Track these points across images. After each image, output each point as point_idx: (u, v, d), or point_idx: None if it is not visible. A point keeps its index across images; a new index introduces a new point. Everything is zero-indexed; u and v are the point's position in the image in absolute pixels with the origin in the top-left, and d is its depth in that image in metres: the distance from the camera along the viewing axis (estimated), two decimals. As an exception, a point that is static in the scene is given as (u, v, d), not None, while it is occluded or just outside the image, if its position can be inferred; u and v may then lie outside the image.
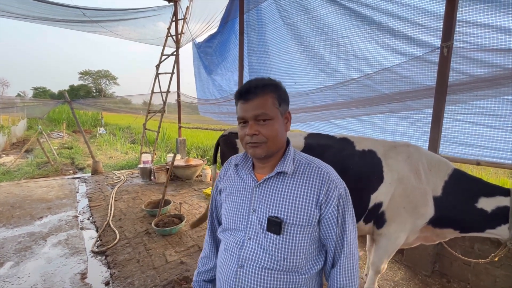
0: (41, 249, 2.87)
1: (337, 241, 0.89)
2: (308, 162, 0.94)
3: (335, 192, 0.88)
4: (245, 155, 1.01)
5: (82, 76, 56.52)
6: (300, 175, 0.91)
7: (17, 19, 5.28)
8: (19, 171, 6.71)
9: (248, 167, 0.98)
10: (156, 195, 4.60)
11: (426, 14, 2.57)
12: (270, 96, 0.87)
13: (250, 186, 0.94)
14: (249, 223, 0.90)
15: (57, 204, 4.16)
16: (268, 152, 0.88)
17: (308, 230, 0.87)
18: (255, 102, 0.86)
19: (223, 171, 1.08)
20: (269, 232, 0.86)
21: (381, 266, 1.96)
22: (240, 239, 0.91)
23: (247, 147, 0.90)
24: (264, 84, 0.88)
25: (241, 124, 0.90)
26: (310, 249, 0.89)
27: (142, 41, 7.02)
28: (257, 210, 0.90)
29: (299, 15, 3.52)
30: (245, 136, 0.88)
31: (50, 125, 16.37)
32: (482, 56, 2.27)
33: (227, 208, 0.98)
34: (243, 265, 0.88)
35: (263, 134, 0.86)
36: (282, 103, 0.91)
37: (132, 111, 8.77)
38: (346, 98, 3.07)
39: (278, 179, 0.91)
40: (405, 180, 1.78)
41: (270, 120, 0.86)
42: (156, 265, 2.60)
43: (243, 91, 0.88)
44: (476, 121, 2.40)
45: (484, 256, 2.25)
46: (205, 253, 1.14)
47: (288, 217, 0.86)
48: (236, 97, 0.91)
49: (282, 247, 0.85)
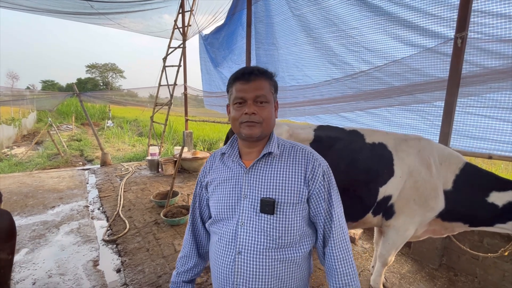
0: (54, 237, 2.97)
1: (325, 216, 0.94)
2: (292, 145, 1.00)
3: (319, 169, 0.94)
4: (231, 144, 1.03)
5: (89, 69, 56.98)
6: (286, 156, 0.96)
7: (26, 11, 5.33)
8: (31, 162, 6.87)
9: (235, 155, 1.00)
10: (164, 187, 4.67)
11: (439, 4, 2.51)
12: (268, 82, 0.93)
13: (239, 173, 0.96)
14: (241, 209, 0.92)
15: (68, 194, 4.27)
16: (262, 133, 0.92)
17: (299, 207, 0.92)
18: (257, 83, 0.90)
19: (208, 165, 1.08)
20: (262, 213, 0.89)
21: (388, 258, 1.97)
22: (233, 227, 0.93)
23: (243, 127, 0.91)
24: (264, 70, 0.94)
25: (236, 105, 0.92)
26: (303, 227, 0.93)
27: (149, 34, 7.02)
28: (248, 195, 0.93)
29: (308, 6, 3.46)
30: (241, 115, 0.90)
31: (59, 118, 16.64)
32: (497, 47, 2.20)
33: (216, 199, 0.98)
34: (240, 251, 0.89)
35: (260, 115, 0.90)
36: (275, 91, 0.97)
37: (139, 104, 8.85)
38: (355, 90, 3.03)
39: (266, 162, 0.95)
40: (415, 174, 1.77)
41: (267, 103, 0.92)
42: (165, 254, 2.66)
43: (246, 72, 0.91)
44: (489, 115, 2.35)
45: (493, 250, 2.24)
46: (184, 252, 1.12)
47: (280, 197, 0.90)
48: (234, 78, 0.93)
49: (276, 226, 0.89)
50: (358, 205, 1.85)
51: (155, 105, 6.54)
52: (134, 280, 2.27)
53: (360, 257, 2.67)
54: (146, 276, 2.33)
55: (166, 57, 6.19)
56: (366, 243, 2.91)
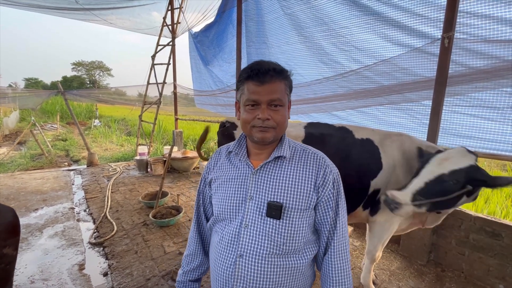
0: (37, 240, 2.85)
1: (331, 224, 0.91)
2: (303, 149, 0.96)
3: (330, 176, 0.90)
4: (239, 143, 0.98)
5: (75, 67, 55.37)
6: (297, 160, 0.92)
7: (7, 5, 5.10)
8: (13, 163, 6.60)
9: (242, 155, 0.95)
10: (153, 187, 4.58)
11: (427, 4, 2.55)
12: (283, 83, 0.86)
13: (246, 174, 0.92)
14: (245, 211, 0.89)
15: (52, 196, 4.12)
16: (274, 138, 0.88)
17: (306, 214, 0.88)
18: (272, 86, 0.83)
19: (212, 162, 1.04)
20: (268, 217, 0.86)
21: (376, 254, 2.01)
22: (236, 228, 0.89)
23: (254, 131, 0.86)
24: (281, 69, 0.86)
25: (248, 107, 0.86)
26: (308, 234, 0.90)
27: (137, 31, 6.85)
28: (254, 196, 0.89)
29: (299, 5, 3.45)
30: (254, 119, 0.85)
31: (44, 117, 16.06)
32: (482, 48, 2.26)
33: (220, 197, 0.95)
34: (242, 254, 0.86)
35: (274, 120, 0.85)
36: (290, 91, 0.91)
37: (128, 103, 8.64)
38: (346, 89, 3.06)
39: (276, 164, 0.91)
40: (398, 168, 1.85)
41: (282, 106, 0.86)
42: (155, 256, 2.60)
43: (260, 71, 0.82)
44: (474, 113, 2.41)
45: (479, 246, 2.30)
46: (190, 251, 1.09)
47: (288, 202, 0.86)
48: (248, 76, 0.85)
49: (282, 232, 0.86)
50: (351, 199, 1.89)
51: (144, 104, 6.40)
52: (121, 284, 2.21)
53: (351, 254, 2.69)
54: (134, 279, 2.27)
55: (155, 54, 6.07)
56: (357, 241, 2.94)
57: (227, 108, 5.27)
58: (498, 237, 2.20)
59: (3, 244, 1.08)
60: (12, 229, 1.13)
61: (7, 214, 1.13)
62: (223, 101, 5.26)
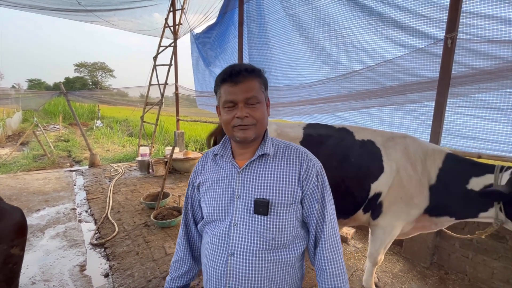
0: (39, 241, 2.85)
1: (318, 217, 0.93)
2: (286, 145, 0.99)
3: (313, 169, 0.93)
4: (223, 145, 1.01)
5: (78, 68, 55.73)
6: (280, 157, 0.95)
7: (10, 7, 5.14)
8: (15, 164, 6.63)
9: (228, 156, 0.98)
10: (155, 188, 4.58)
11: (429, 4, 2.53)
12: (257, 81, 0.89)
13: (232, 174, 0.95)
14: (234, 210, 0.91)
15: (54, 197, 4.12)
16: (256, 134, 0.90)
17: (293, 208, 0.91)
18: (246, 85, 0.86)
19: (199, 165, 1.06)
20: (256, 214, 0.88)
21: (378, 257, 1.98)
22: (226, 228, 0.91)
23: (235, 130, 0.89)
24: (252, 68, 0.89)
25: (227, 108, 0.89)
26: (296, 228, 0.93)
27: (139, 32, 6.89)
28: (241, 195, 0.91)
29: (301, 6, 3.45)
30: (233, 119, 0.88)
31: (46, 118, 16.14)
32: (485, 48, 2.24)
33: (209, 199, 0.96)
34: (233, 252, 0.88)
35: (253, 117, 0.87)
36: (266, 89, 0.94)
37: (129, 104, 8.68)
38: (348, 90, 3.04)
39: (261, 162, 0.94)
40: (402, 170, 1.80)
41: (258, 103, 0.89)
42: (156, 257, 2.59)
43: (233, 73, 0.86)
44: (478, 114, 2.39)
45: (482, 248, 2.28)
46: (178, 257, 1.09)
47: (274, 198, 0.89)
48: (222, 80, 0.88)
49: (270, 227, 0.88)
50: (350, 202, 1.86)
51: (146, 105, 6.41)
52: (123, 285, 2.20)
53: (353, 257, 2.67)
54: (135, 280, 2.26)
55: (157, 56, 6.08)
56: (359, 243, 2.92)
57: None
58: (502, 240, 2.18)
59: (11, 244, 1.09)
60: (19, 230, 1.14)
61: (15, 214, 1.14)
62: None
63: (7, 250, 1.07)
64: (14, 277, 1.13)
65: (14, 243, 1.10)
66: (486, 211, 1.63)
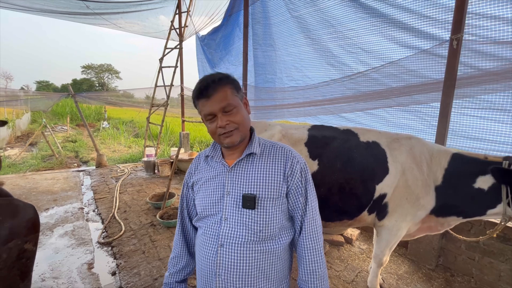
0: (48, 239, 2.92)
1: (302, 209, 1.00)
2: (272, 144, 1.05)
3: (297, 166, 0.99)
4: (214, 147, 1.08)
5: (85, 70, 56.54)
6: (267, 155, 1.01)
7: (20, 11, 5.27)
8: (24, 164, 6.76)
9: (218, 156, 1.04)
10: (160, 188, 4.64)
11: (434, 6, 2.53)
12: (228, 87, 0.94)
13: (222, 172, 1.01)
14: (224, 205, 0.97)
15: (62, 196, 4.20)
16: (241, 137, 0.96)
17: (278, 202, 0.97)
18: (218, 95, 0.91)
19: (193, 166, 1.12)
20: (244, 208, 0.94)
21: (383, 258, 1.98)
22: (217, 221, 0.97)
23: (222, 138, 0.95)
24: (219, 77, 0.94)
25: (209, 121, 0.95)
26: (282, 220, 0.99)
27: (145, 34, 6.98)
28: (231, 192, 0.97)
29: (306, 8, 3.47)
30: (216, 129, 0.94)
31: (54, 119, 16.42)
32: (491, 49, 2.23)
33: (201, 197, 1.03)
34: (223, 243, 0.94)
35: (233, 122, 0.93)
36: (239, 91, 0.99)
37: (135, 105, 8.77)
38: (354, 91, 3.05)
39: (248, 160, 1.00)
40: (408, 172, 1.79)
41: (235, 108, 0.94)
42: (162, 256, 2.63)
43: (202, 88, 0.92)
44: (484, 116, 2.38)
45: (489, 250, 2.26)
46: (175, 253, 1.15)
47: (261, 192, 0.95)
48: (196, 97, 0.95)
49: (257, 220, 0.94)
50: (355, 203, 1.86)
51: (152, 106, 6.49)
52: (129, 283, 2.24)
53: (358, 258, 2.66)
54: (142, 278, 2.30)
55: (163, 57, 6.15)
56: (363, 244, 2.91)
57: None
58: (509, 242, 2.16)
59: (24, 240, 1.12)
60: (32, 226, 1.18)
61: (28, 210, 1.18)
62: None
63: (20, 245, 1.11)
64: (27, 271, 1.17)
65: (27, 238, 1.14)
66: (494, 207, 1.62)
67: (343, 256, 2.68)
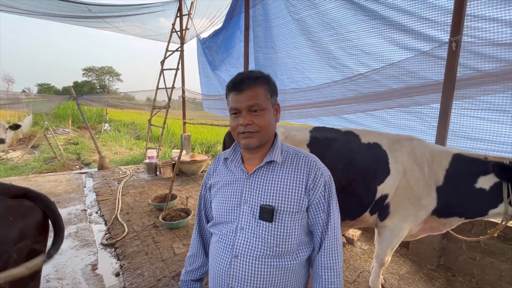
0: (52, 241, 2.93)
1: (323, 226, 0.93)
2: (296, 152, 0.98)
3: (321, 179, 0.92)
4: (234, 149, 1.04)
5: (86, 72, 56.87)
6: (289, 164, 0.95)
7: (23, 14, 5.32)
8: (27, 166, 6.80)
9: (237, 160, 1.00)
10: (162, 190, 4.66)
11: (433, 8, 2.56)
12: (263, 88, 0.90)
13: (240, 178, 0.97)
14: (241, 214, 0.93)
15: (65, 198, 4.23)
16: (260, 142, 0.91)
17: (298, 216, 0.91)
18: (249, 93, 0.88)
19: (212, 167, 1.10)
20: (261, 220, 0.90)
21: (385, 258, 1.99)
22: (232, 230, 0.93)
23: (240, 137, 0.92)
24: (256, 76, 0.91)
25: (233, 115, 0.92)
26: (301, 235, 0.93)
27: (146, 37, 7.03)
28: (248, 200, 0.93)
29: (307, 10, 3.50)
30: (238, 126, 0.90)
31: (56, 121, 16.51)
32: (490, 51, 2.25)
33: (218, 201, 1.00)
34: (237, 255, 0.90)
35: (256, 124, 0.89)
36: (273, 95, 0.94)
37: (137, 107, 8.82)
38: (355, 93, 3.08)
39: (268, 168, 0.95)
40: (409, 172, 1.81)
41: (262, 110, 0.89)
42: (165, 257, 2.65)
43: (236, 82, 0.90)
44: (484, 116, 2.39)
45: (490, 250, 2.27)
46: (192, 252, 1.15)
47: (280, 205, 0.89)
48: (228, 88, 0.93)
49: (274, 234, 0.89)
50: (357, 204, 1.88)
51: (153, 108, 6.53)
52: (133, 284, 2.26)
53: (359, 258, 2.68)
54: (145, 279, 2.32)
55: (164, 60, 6.19)
56: (365, 245, 2.93)
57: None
58: (510, 242, 2.17)
59: (34, 240, 1.16)
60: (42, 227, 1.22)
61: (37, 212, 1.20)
62: (231, 105, 5.33)
63: (30, 245, 1.14)
64: (37, 271, 1.19)
65: (37, 239, 1.17)
66: (496, 207, 1.63)
67: (345, 256, 2.70)
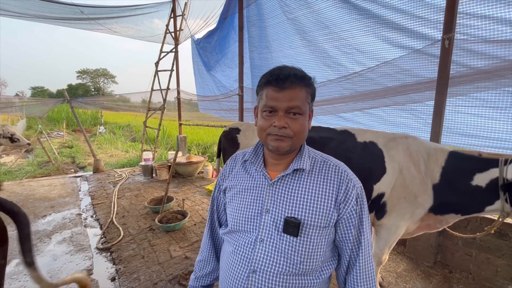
0: (46, 246, 2.89)
1: (353, 243, 0.84)
2: (324, 160, 0.89)
3: (353, 191, 0.83)
4: (255, 151, 0.93)
5: (80, 75, 56.34)
6: (317, 173, 0.86)
7: (14, 17, 5.25)
8: (20, 171, 6.71)
9: (259, 164, 0.90)
10: (158, 192, 4.62)
11: (426, 6, 2.57)
12: (306, 90, 0.81)
13: (262, 185, 0.87)
14: (261, 224, 0.84)
15: (60, 203, 4.18)
16: (291, 147, 0.82)
17: (326, 231, 0.82)
18: (292, 92, 0.78)
19: (227, 168, 1.00)
20: (285, 233, 0.81)
21: (382, 257, 1.99)
22: (251, 241, 0.84)
23: (269, 139, 0.81)
24: (303, 75, 0.81)
25: (265, 113, 0.81)
26: (326, 252, 0.85)
27: (140, 39, 6.98)
28: (271, 210, 0.84)
29: (301, 10, 3.50)
30: (270, 126, 0.80)
31: (50, 125, 16.32)
32: (482, 48, 2.27)
33: (235, 208, 0.90)
34: (255, 270, 0.81)
35: (292, 129, 0.79)
36: (312, 100, 0.85)
37: (132, 109, 8.77)
38: (351, 91, 3.09)
39: (295, 177, 0.86)
40: (405, 170, 1.81)
41: (301, 114, 0.80)
42: (161, 261, 2.62)
43: (280, 77, 0.78)
44: (477, 113, 2.41)
45: (486, 246, 2.28)
46: (202, 256, 1.07)
47: (307, 218, 0.80)
48: (267, 82, 0.81)
49: (299, 250, 0.80)
50: None
51: (148, 110, 6.49)
52: (129, 288, 2.23)
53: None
54: (141, 283, 2.29)
55: (158, 61, 6.17)
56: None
57: (231, 113, 5.32)
58: (505, 238, 2.19)
59: None
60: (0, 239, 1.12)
61: None
62: (227, 105, 5.32)
63: None
64: None
65: None
66: (492, 204, 1.62)
67: (343, 255, 2.70)
